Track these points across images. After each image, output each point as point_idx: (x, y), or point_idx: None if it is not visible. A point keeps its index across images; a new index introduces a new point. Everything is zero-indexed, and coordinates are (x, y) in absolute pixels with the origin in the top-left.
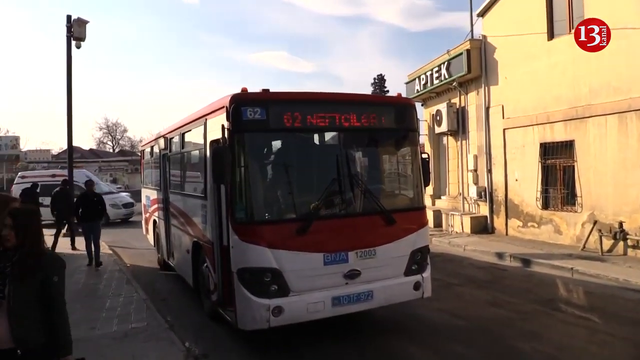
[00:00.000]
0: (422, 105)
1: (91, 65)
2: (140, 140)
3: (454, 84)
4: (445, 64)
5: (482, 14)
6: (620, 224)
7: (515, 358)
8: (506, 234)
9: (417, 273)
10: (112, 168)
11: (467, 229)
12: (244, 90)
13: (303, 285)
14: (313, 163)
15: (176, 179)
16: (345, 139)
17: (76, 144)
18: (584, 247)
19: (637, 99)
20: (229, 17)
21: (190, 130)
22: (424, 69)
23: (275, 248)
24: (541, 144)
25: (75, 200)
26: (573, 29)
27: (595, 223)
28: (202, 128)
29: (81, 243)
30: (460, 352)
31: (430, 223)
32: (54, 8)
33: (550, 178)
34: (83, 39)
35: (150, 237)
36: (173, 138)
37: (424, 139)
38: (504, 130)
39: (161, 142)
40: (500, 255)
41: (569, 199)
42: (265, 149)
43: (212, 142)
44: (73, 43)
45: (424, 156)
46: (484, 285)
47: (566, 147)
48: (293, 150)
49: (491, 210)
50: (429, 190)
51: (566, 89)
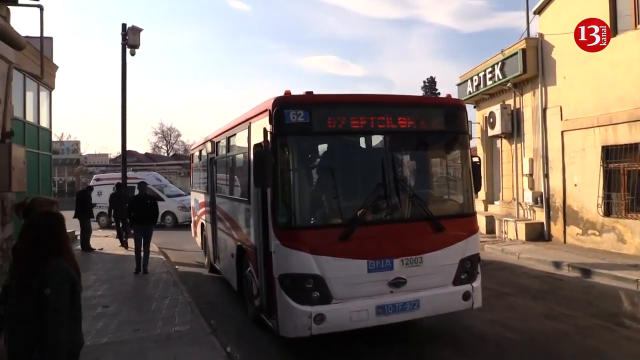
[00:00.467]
0: (475, 107)
1: (148, 73)
2: (192, 145)
3: (509, 84)
4: (499, 64)
5: (539, 12)
6: None
7: None
8: (564, 242)
9: (467, 282)
10: (166, 171)
11: (522, 236)
12: (287, 93)
13: (346, 293)
14: (358, 167)
15: (222, 183)
16: (391, 142)
17: (133, 148)
18: None
19: None
20: (278, 23)
21: (236, 134)
22: (477, 70)
23: (317, 254)
24: (603, 147)
25: (128, 203)
26: (639, 24)
27: None
28: (247, 131)
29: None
30: None
31: (482, 229)
32: (111, 17)
33: (613, 183)
34: (137, 46)
35: (199, 240)
36: (219, 142)
37: (476, 142)
38: (563, 132)
39: (208, 146)
40: (557, 264)
41: (634, 206)
42: (309, 152)
43: (256, 146)
44: (128, 50)
45: (475, 160)
46: (540, 295)
47: (631, 151)
48: (337, 153)
49: (548, 217)
50: (482, 195)
51: (631, 88)
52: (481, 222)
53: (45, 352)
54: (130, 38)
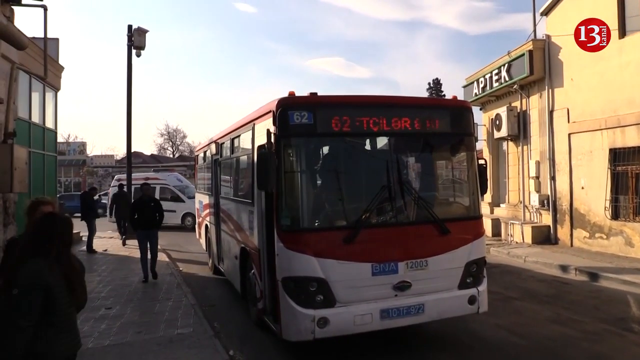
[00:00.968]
0: (481, 109)
1: (154, 75)
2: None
3: (515, 86)
4: (506, 65)
5: (546, 13)
6: None
7: None
8: (571, 245)
9: (473, 286)
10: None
11: (528, 239)
12: (291, 94)
13: (350, 296)
14: (362, 169)
15: (226, 184)
16: (396, 144)
17: (139, 149)
18: None
19: None
20: (285, 25)
21: (239, 136)
22: (483, 72)
23: (321, 257)
24: (611, 150)
25: (131, 206)
26: None
27: None
28: (251, 133)
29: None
30: None
31: (488, 232)
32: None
33: (621, 186)
34: (143, 48)
35: (203, 242)
36: (224, 143)
37: (482, 144)
38: (570, 135)
39: (212, 148)
40: (564, 267)
41: None
42: (313, 154)
43: (259, 147)
44: (133, 51)
45: (481, 162)
46: (546, 300)
47: (639, 153)
48: (341, 155)
49: (554, 220)
50: (487, 197)
51: None
52: (487, 225)
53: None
54: (136, 39)
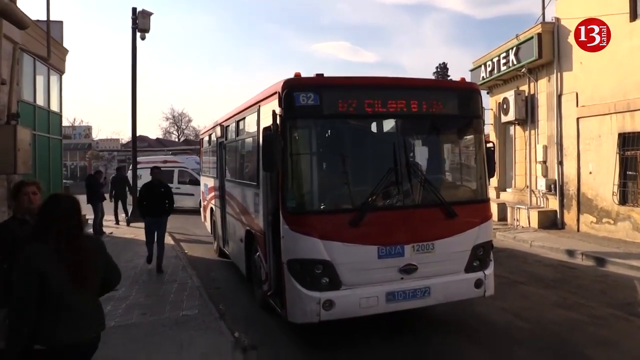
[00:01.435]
0: (488, 93)
1: (159, 60)
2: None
3: (523, 70)
4: (514, 49)
5: None
6: None
7: None
8: (577, 230)
9: (479, 270)
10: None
11: (534, 224)
12: (297, 75)
13: (356, 279)
14: (369, 151)
15: (231, 167)
16: (403, 126)
17: (144, 133)
18: None
19: None
20: (290, 9)
21: (245, 118)
22: (491, 55)
23: (327, 239)
24: (620, 134)
25: (139, 192)
26: None
27: None
28: (256, 115)
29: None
30: (523, 357)
31: (494, 217)
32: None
33: (630, 171)
34: (147, 30)
35: (208, 225)
36: (229, 126)
37: (489, 128)
38: (578, 119)
39: (217, 130)
40: (570, 252)
41: None
42: (319, 136)
43: (265, 129)
44: (138, 34)
45: (489, 145)
46: (552, 284)
47: None
48: (348, 137)
49: (561, 205)
50: (494, 182)
51: None
52: (493, 210)
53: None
54: (140, 22)
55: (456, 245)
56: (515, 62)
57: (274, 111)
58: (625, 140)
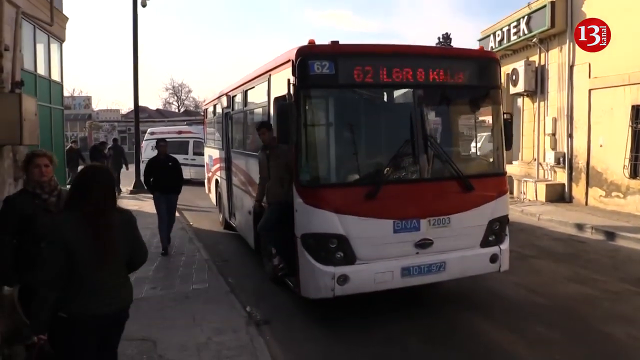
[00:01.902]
0: None
1: (158, 30)
2: (204, 101)
3: (534, 40)
4: (525, 18)
5: None
6: None
7: (607, 345)
8: (585, 204)
9: (495, 244)
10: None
11: (542, 197)
12: (312, 42)
13: (371, 254)
14: (385, 123)
15: (238, 138)
16: (421, 97)
17: (144, 104)
18: None
19: None
20: None
21: (254, 87)
22: (500, 25)
23: (342, 213)
24: (633, 107)
25: (145, 166)
26: None
27: None
28: (266, 84)
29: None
30: (542, 333)
31: None
32: None
33: None
34: None
35: (213, 197)
36: (235, 96)
37: None
38: (590, 91)
39: (223, 101)
40: (580, 226)
41: None
42: (334, 106)
43: (277, 99)
44: (139, 1)
45: (506, 117)
46: (563, 258)
47: None
48: (363, 108)
49: (570, 178)
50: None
51: None
52: None
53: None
54: None
55: (472, 219)
56: (526, 32)
57: (289, 80)
58: (639, 113)
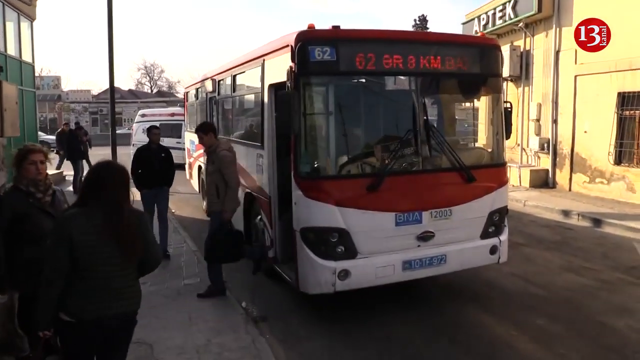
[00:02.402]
0: None
1: (130, 6)
2: (178, 81)
3: (520, 24)
4: (511, 2)
5: None
6: None
7: (610, 338)
8: (569, 190)
9: (494, 236)
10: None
11: (525, 183)
12: (311, 27)
13: (372, 248)
14: (387, 112)
15: (225, 124)
16: (424, 85)
17: (116, 84)
18: None
19: None
20: None
21: (244, 72)
22: (485, 8)
23: (343, 206)
24: (619, 94)
25: (133, 157)
26: None
27: None
28: (259, 70)
29: None
30: (545, 327)
31: None
32: None
33: (627, 131)
34: None
35: (195, 183)
36: (222, 80)
37: None
38: (576, 77)
39: (208, 85)
40: (566, 213)
41: None
42: (335, 94)
43: (271, 86)
44: None
45: (506, 105)
46: (553, 246)
47: None
48: (365, 97)
49: (554, 164)
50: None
51: None
52: None
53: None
54: None
55: (473, 211)
56: (512, 16)
57: (291, 67)
58: (624, 100)
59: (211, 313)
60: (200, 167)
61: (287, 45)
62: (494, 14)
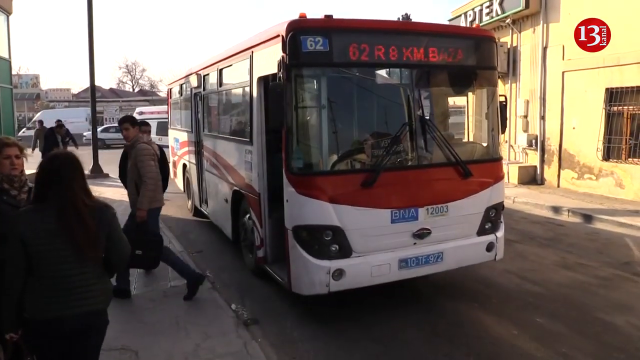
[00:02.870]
0: None
1: (110, 3)
2: (160, 80)
3: (507, 21)
4: None
5: None
6: None
7: (612, 335)
8: (557, 186)
9: (491, 232)
10: (133, 108)
11: (514, 180)
12: (303, 16)
13: (367, 246)
14: (382, 105)
15: (212, 121)
16: (420, 77)
17: (97, 83)
18: None
19: None
20: None
21: (231, 65)
22: (472, 4)
23: (337, 203)
24: (607, 89)
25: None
26: None
27: None
28: (248, 62)
29: None
30: (545, 326)
31: None
32: None
33: (615, 127)
34: None
35: (179, 181)
36: (207, 75)
37: None
38: (563, 73)
39: (193, 80)
40: (556, 209)
41: (636, 151)
42: (328, 87)
43: (260, 79)
44: None
45: (501, 99)
46: (546, 243)
47: (637, 93)
48: (359, 89)
49: (542, 160)
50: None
51: None
52: None
53: None
54: None
55: (470, 207)
56: (499, 12)
57: (282, 57)
58: (612, 96)
59: (200, 316)
60: (185, 165)
61: (278, 36)
62: (481, 10)
